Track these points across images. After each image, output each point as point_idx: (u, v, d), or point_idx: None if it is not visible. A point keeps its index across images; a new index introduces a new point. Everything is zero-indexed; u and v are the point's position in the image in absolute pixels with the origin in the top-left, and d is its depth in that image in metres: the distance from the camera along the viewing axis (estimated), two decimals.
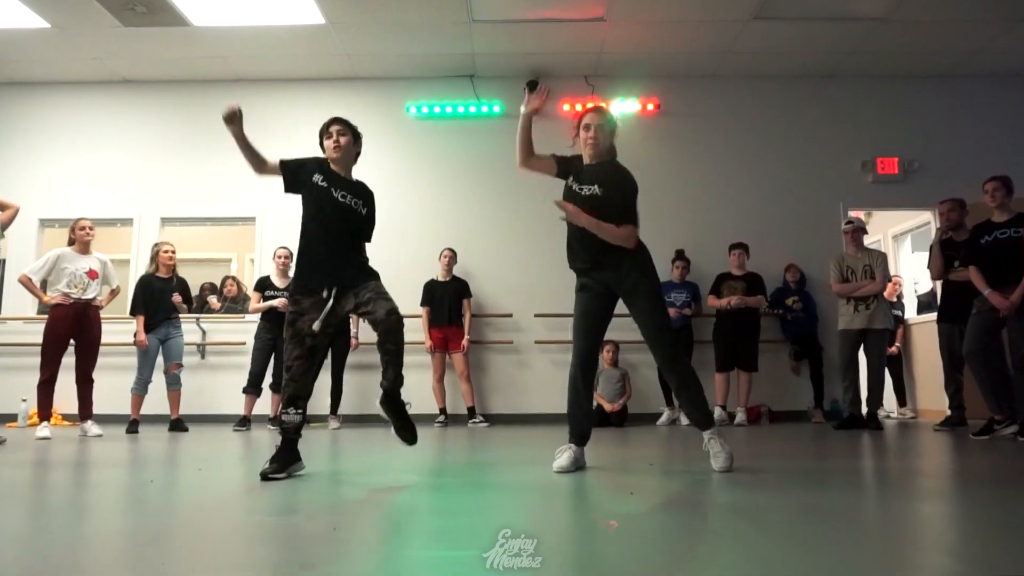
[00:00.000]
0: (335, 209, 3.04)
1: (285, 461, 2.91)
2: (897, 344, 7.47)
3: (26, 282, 5.29)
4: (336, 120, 3.18)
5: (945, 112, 7.30)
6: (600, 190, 3.04)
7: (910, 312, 7.97)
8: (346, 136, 3.14)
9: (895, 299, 7.61)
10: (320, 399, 6.26)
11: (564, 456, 3.03)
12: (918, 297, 8.04)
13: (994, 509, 2.24)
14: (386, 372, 2.90)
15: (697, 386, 3.06)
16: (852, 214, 7.23)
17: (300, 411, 2.97)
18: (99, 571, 1.61)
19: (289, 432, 2.97)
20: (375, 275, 3.07)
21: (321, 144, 3.22)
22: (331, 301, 2.97)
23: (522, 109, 3.11)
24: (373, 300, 2.91)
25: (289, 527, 2.03)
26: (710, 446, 3.01)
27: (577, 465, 3.05)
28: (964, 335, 4.87)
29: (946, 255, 5.33)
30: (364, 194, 3.17)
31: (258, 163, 3.09)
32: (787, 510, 2.21)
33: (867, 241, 8.58)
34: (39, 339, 5.34)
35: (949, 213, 5.37)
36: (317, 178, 3.06)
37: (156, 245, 6.03)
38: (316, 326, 2.93)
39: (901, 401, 7.54)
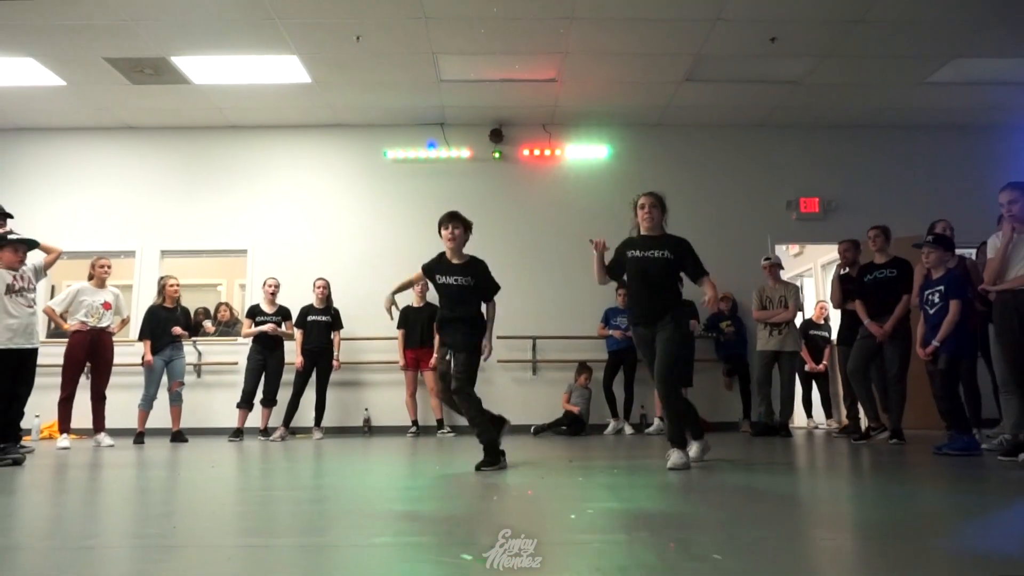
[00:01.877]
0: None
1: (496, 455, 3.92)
2: (824, 363, 8.36)
3: (51, 313, 6.08)
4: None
5: (861, 157, 8.29)
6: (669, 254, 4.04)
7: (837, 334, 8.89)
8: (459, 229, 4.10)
9: (822, 321, 8.51)
10: (305, 413, 7.07)
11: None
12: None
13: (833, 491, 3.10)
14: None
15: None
16: (781, 248, 8.16)
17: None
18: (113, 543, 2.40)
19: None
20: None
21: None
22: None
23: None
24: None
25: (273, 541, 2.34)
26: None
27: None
28: (864, 353, 5.76)
29: (844, 288, 6.26)
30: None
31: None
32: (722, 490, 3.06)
33: (801, 268, 9.61)
34: (51, 360, 6.08)
35: (845, 252, 6.31)
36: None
37: (162, 279, 6.81)
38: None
39: (827, 413, 8.40)
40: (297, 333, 7.08)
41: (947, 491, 3.20)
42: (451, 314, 4.05)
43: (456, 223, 4.04)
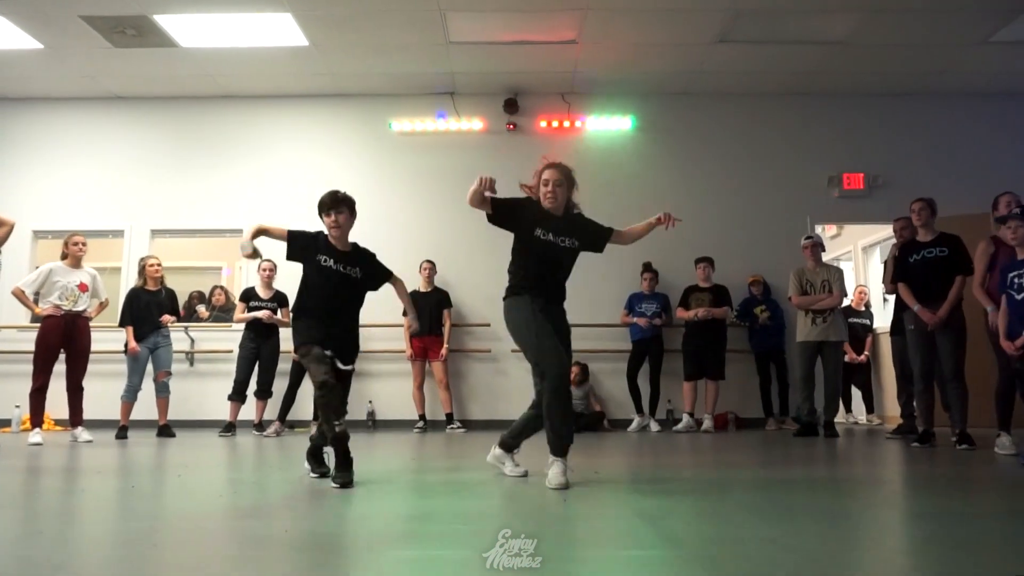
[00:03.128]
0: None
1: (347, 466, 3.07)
2: (866, 353, 7.72)
3: (19, 295, 5.54)
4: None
5: (909, 129, 7.56)
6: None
7: (879, 321, 8.22)
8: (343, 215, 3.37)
9: (863, 308, 7.86)
10: (304, 406, 6.52)
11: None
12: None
13: (935, 516, 2.49)
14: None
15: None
16: (822, 228, 7.49)
17: (342, 423, 3.13)
18: (85, 572, 1.84)
19: (341, 443, 3.08)
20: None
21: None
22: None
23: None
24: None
25: (280, 532, 2.22)
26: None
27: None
28: (920, 347, 5.03)
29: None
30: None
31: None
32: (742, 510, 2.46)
33: (839, 252, 8.91)
34: (32, 347, 5.60)
35: (902, 231, 5.62)
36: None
37: (142, 259, 6.26)
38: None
39: (869, 408, 7.77)
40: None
41: None
42: (334, 309, 3.32)
43: (341, 207, 3.37)
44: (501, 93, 7.44)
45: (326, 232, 3.41)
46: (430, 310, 6.80)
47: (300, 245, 3.38)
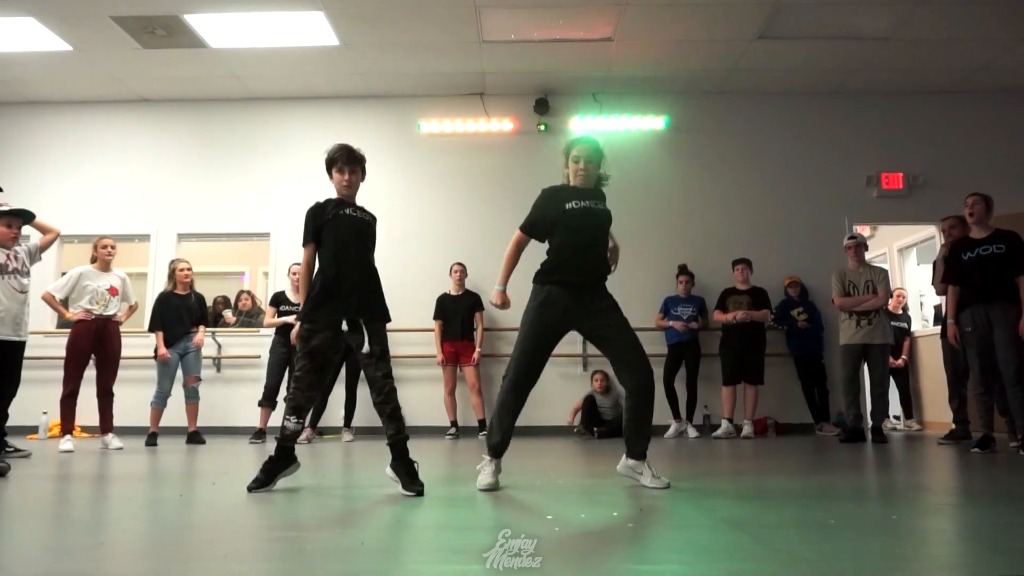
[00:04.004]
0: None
1: (271, 472, 3.00)
2: (904, 357, 7.55)
3: (50, 300, 5.45)
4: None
5: (950, 128, 7.39)
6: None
7: (916, 324, 8.04)
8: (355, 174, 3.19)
9: (900, 311, 7.68)
10: (335, 412, 6.41)
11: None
12: (936, 308, 8.09)
13: (995, 527, 2.33)
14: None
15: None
16: (856, 228, 7.32)
17: (301, 421, 3.05)
18: None
19: (289, 440, 3.04)
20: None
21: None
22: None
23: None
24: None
25: (300, 539, 2.11)
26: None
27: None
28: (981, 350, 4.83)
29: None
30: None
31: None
32: (789, 525, 2.30)
33: (872, 254, 8.73)
34: (59, 352, 5.52)
35: (951, 230, 5.46)
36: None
37: (173, 263, 6.17)
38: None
39: (907, 413, 7.60)
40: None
41: None
42: (357, 259, 3.08)
43: (355, 167, 3.18)
44: (532, 93, 7.32)
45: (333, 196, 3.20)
46: (461, 314, 6.67)
47: (315, 224, 3.12)
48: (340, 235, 3.10)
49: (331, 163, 3.21)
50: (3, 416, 4.23)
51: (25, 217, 4.49)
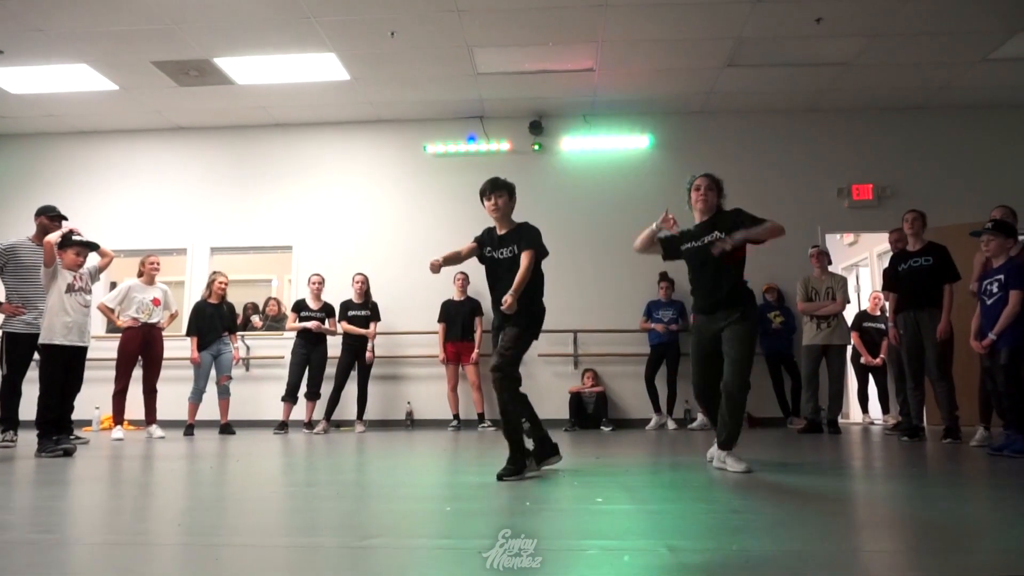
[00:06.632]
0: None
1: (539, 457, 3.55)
2: (882, 355, 8.03)
3: (105, 310, 6.33)
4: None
5: (916, 141, 7.91)
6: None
7: None
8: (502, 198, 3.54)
9: (878, 313, 8.18)
10: (348, 406, 7.18)
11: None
12: None
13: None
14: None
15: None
16: (837, 237, 7.84)
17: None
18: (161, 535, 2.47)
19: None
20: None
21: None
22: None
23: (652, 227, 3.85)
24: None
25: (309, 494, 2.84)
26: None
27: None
28: (909, 350, 5.45)
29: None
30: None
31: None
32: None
33: (856, 259, 9.25)
34: (108, 355, 6.40)
35: (896, 242, 6.02)
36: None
37: (213, 275, 7.00)
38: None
39: (885, 409, 8.08)
40: (343, 327, 7.18)
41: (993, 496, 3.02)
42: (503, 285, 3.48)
43: (500, 191, 3.53)
44: (526, 116, 8.03)
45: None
46: (463, 317, 7.39)
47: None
48: (488, 272, 3.70)
49: (481, 196, 3.58)
50: (70, 408, 5.07)
51: (91, 247, 5.32)
